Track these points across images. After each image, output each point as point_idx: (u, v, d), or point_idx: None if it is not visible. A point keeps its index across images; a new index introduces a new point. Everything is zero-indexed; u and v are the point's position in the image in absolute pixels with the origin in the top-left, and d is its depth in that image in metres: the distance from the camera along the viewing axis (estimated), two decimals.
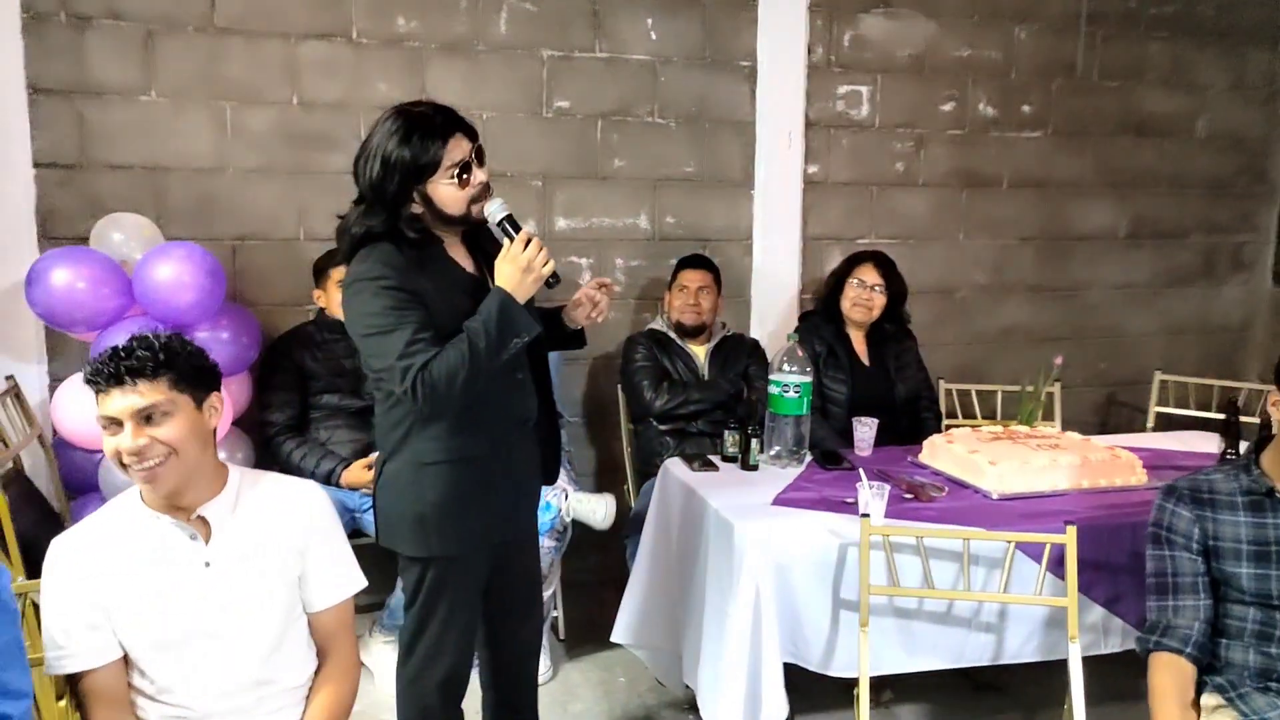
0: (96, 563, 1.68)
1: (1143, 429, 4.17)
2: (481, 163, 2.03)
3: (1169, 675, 1.93)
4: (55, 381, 3.22)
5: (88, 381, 1.65)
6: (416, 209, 2.00)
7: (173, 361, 1.67)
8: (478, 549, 2.18)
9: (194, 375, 1.71)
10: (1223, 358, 4.72)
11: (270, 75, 3.40)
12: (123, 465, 1.66)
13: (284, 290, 3.51)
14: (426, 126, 1.96)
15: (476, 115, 3.59)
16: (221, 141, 3.39)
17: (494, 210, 2.03)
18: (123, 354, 1.65)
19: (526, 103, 3.66)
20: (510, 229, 2.01)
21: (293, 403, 3.16)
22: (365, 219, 2.00)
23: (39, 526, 2.79)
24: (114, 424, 1.65)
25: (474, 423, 2.06)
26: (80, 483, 3.09)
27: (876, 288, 3.43)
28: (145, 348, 1.66)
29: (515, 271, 1.98)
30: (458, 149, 1.98)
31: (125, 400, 1.63)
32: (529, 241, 1.99)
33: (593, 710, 3.05)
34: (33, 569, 2.58)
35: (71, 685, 1.70)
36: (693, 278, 3.46)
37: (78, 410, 2.97)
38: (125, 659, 1.71)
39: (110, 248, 3.03)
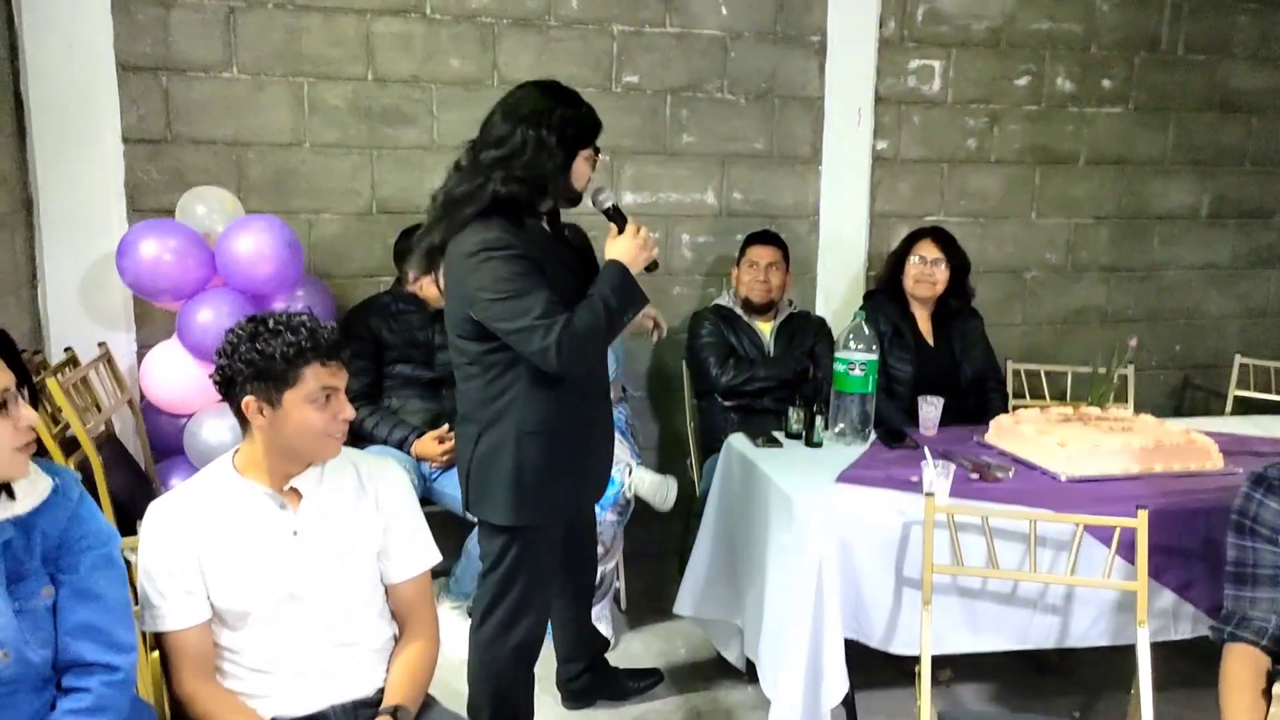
0: (192, 526, 1.75)
1: (1220, 413, 4.08)
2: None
3: (1242, 665, 1.89)
4: (143, 349, 3.35)
5: (301, 353, 1.71)
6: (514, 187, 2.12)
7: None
8: (566, 518, 2.31)
9: (224, 390, 1.78)
10: None
11: (346, 51, 3.47)
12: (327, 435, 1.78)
13: (357, 262, 3.60)
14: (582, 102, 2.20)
15: None
16: (298, 117, 3.48)
17: (606, 196, 2.27)
18: (320, 330, 1.74)
19: (596, 77, 3.68)
20: (618, 214, 2.25)
21: (367, 370, 3.22)
22: (504, 185, 2.10)
23: (130, 487, 2.92)
24: (325, 395, 1.75)
25: (571, 393, 2.22)
26: (165, 445, 3.22)
27: (938, 262, 3.39)
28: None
29: (633, 248, 2.20)
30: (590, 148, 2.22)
31: (338, 376, 1.76)
32: (639, 228, 2.22)
33: None
34: (124, 527, 2.70)
35: (160, 643, 1.78)
36: (762, 254, 3.45)
37: (165, 376, 3.09)
38: (212, 620, 1.79)
39: (194, 220, 3.13)
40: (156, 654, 1.82)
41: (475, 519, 2.39)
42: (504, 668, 2.39)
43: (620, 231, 2.24)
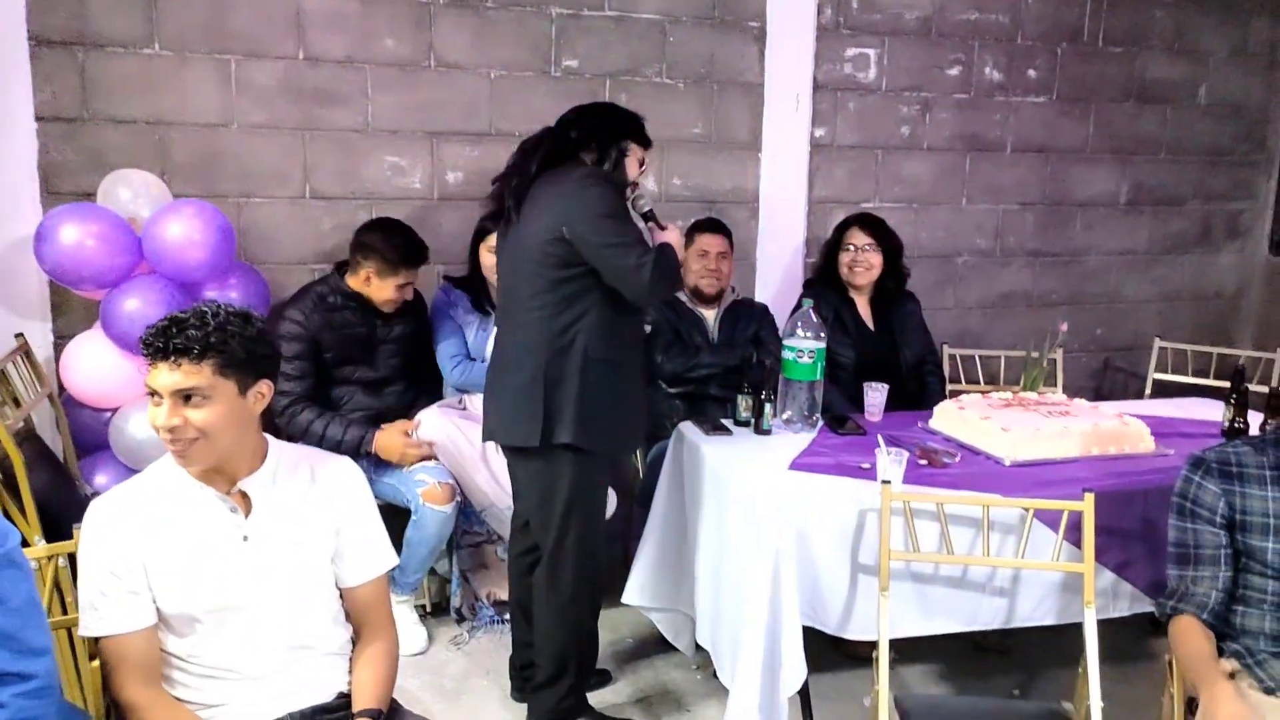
0: (137, 525, 1.68)
1: (1139, 395, 4.23)
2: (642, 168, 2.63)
3: (1191, 628, 1.97)
4: (61, 339, 3.19)
5: (142, 347, 1.63)
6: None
7: (223, 345, 1.63)
8: (621, 453, 2.74)
9: (244, 362, 1.66)
10: (1216, 325, 4.78)
11: (275, 29, 3.34)
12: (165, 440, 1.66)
13: (290, 249, 3.48)
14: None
15: (484, 74, 3.56)
16: (226, 96, 3.34)
17: (645, 202, 2.62)
18: (174, 329, 1.62)
19: (535, 61, 3.62)
20: (655, 217, 2.60)
21: (307, 372, 3.07)
22: (577, 134, 2.52)
23: (52, 485, 2.77)
24: (156, 395, 1.64)
25: (631, 333, 2.55)
26: (89, 441, 3.08)
27: (869, 248, 3.45)
28: (199, 326, 1.62)
29: (680, 238, 2.56)
30: (645, 148, 2.63)
31: (169, 377, 1.62)
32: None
33: None
34: (48, 528, 2.58)
35: (100, 648, 1.69)
36: (713, 243, 3.43)
37: (88, 368, 2.95)
38: (159, 626, 1.71)
39: (118, 204, 2.99)
40: (96, 663, 1.74)
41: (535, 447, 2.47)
42: (582, 607, 2.61)
43: (661, 229, 2.56)
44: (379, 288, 3.11)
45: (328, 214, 3.36)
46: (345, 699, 1.79)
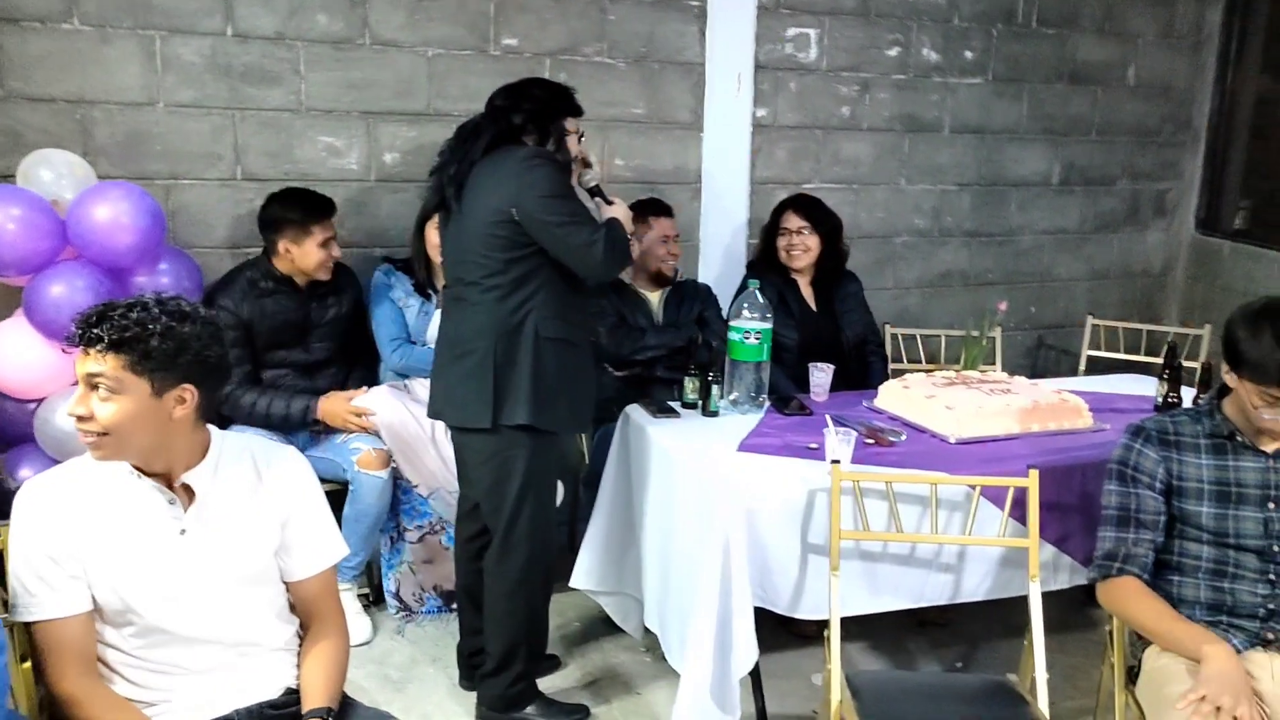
0: (74, 509, 1.62)
1: (1072, 371, 4.33)
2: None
3: (1147, 595, 2.01)
4: None
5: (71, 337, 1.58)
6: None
7: (137, 343, 1.55)
8: (572, 432, 2.78)
9: (164, 363, 1.58)
10: (1144, 301, 4.90)
11: (201, 3, 3.22)
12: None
13: (222, 232, 3.37)
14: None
15: (421, 53, 3.48)
16: (150, 74, 3.21)
17: (592, 177, 2.64)
18: (96, 317, 1.56)
19: (473, 39, 3.54)
20: (602, 192, 2.62)
21: (244, 359, 3.03)
22: (520, 118, 2.49)
23: None
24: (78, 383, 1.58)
25: (579, 312, 2.55)
26: (13, 434, 2.95)
27: (804, 230, 3.45)
28: (121, 318, 1.56)
29: (626, 213, 2.59)
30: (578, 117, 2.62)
31: (83, 364, 1.57)
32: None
33: None
34: None
35: (34, 640, 1.62)
36: (669, 226, 3.41)
37: (9, 358, 2.82)
38: (95, 615, 1.65)
39: (40, 186, 2.85)
40: (29, 664, 1.67)
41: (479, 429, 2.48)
42: (533, 590, 2.60)
43: (609, 203, 2.59)
44: (303, 255, 3.07)
45: (261, 196, 3.24)
46: (294, 695, 1.74)
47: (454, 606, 3.09)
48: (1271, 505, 1.99)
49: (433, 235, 3.15)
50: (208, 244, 3.35)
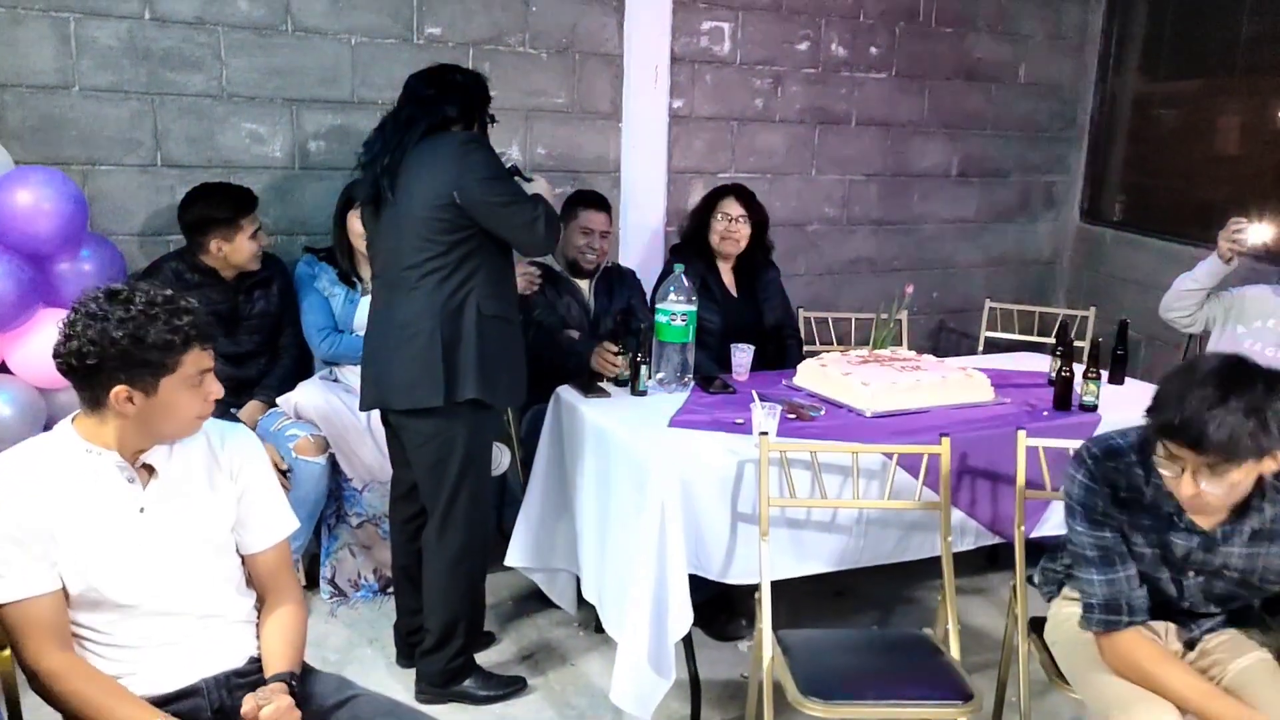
0: (40, 492, 1.63)
1: (972, 351, 4.57)
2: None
3: (1151, 644, 1.96)
4: None
5: (187, 339, 1.67)
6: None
7: (67, 369, 1.62)
8: (516, 403, 2.88)
9: (87, 379, 1.62)
10: (1035, 286, 5.19)
11: None
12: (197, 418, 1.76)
13: (142, 219, 3.34)
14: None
15: (344, 40, 3.49)
16: (64, 57, 3.16)
17: (509, 158, 2.86)
18: (199, 311, 1.70)
19: (397, 28, 3.57)
20: (520, 171, 2.69)
21: None
22: (453, 109, 2.56)
23: None
24: (204, 376, 1.73)
25: (514, 292, 2.70)
26: None
27: (741, 219, 3.59)
28: (59, 346, 1.63)
29: (548, 186, 2.72)
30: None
31: (211, 351, 1.73)
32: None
33: None
34: None
35: (6, 621, 1.63)
36: (599, 220, 3.45)
37: None
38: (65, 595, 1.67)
39: None
40: (7, 652, 1.68)
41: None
42: (473, 565, 2.69)
43: (528, 180, 2.69)
44: (234, 251, 3.10)
45: (183, 183, 3.23)
46: (258, 663, 1.78)
47: (389, 590, 3.14)
48: (1192, 573, 1.97)
49: (355, 224, 3.18)
50: (128, 231, 3.32)
